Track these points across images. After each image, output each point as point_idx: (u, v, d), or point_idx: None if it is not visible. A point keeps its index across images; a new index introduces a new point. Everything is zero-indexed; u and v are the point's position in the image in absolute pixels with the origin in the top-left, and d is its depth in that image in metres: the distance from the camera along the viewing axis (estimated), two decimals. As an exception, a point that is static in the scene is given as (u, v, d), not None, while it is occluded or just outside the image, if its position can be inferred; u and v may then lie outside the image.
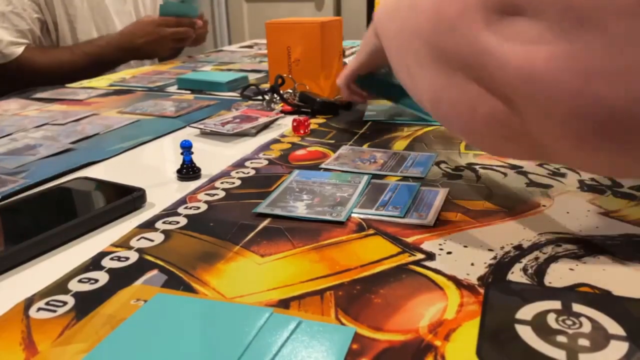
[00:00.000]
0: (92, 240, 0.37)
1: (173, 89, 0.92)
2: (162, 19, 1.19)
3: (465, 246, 0.34)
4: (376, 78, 0.61)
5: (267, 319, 0.27)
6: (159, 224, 0.39)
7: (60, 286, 0.31)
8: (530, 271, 0.31)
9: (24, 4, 1.14)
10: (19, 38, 1.13)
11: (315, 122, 0.66)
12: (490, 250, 0.34)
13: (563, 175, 0.46)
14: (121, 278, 0.32)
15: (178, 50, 1.42)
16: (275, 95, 0.72)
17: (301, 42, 0.74)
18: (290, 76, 0.74)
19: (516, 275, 0.31)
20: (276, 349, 0.25)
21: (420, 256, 0.33)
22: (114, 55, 1.18)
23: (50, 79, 1.05)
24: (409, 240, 0.35)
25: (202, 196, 0.44)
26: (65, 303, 0.30)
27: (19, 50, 1.12)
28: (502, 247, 0.34)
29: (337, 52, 0.80)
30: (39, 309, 0.29)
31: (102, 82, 1.01)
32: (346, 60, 1.01)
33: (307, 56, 0.74)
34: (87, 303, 0.30)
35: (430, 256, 0.33)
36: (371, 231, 0.37)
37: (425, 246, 0.34)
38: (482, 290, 0.29)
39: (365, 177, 0.46)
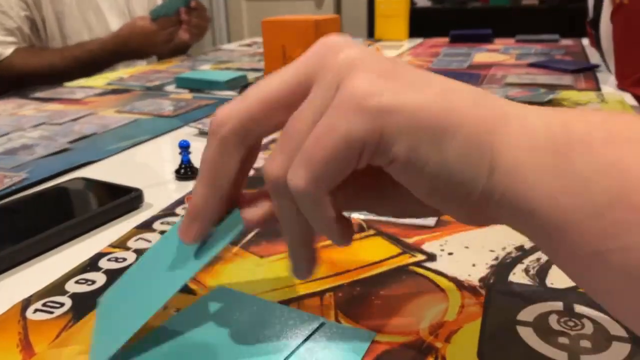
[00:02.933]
0: (89, 241, 0.37)
1: (171, 88, 0.91)
2: (156, 23, 1.17)
3: (467, 247, 0.34)
4: None
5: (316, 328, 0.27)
6: (156, 225, 0.39)
7: (57, 287, 0.31)
8: (532, 272, 0.31)
9: (10, 2, 1.13)
10: (7, 37, 1.13)
11: (314, 122, 0.65)
12: (492, 251, 0.33)
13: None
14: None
15: (186, 47, 1.41)
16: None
17: (296, 40, 0.74)
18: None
19: (518, 276, 0.31)
20: (294, 346, 0.25)
21: (421, 257, 0.33)
22: (106, 59, 1.16)
23: (41, 81, 1.04)
24: (410, 241, 0.35)
25: (200, 196, 0.44)
26: (62, 304, 0.29)
27: (8, 51, 1.12)
28: (504, 248, 0.34)
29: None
30: (36, 310, 0.29)
31: (99, 81, 1.00)
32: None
33: (301, 54, 0.74)
34: (84, 304, 0.29)
35: (431, 257, 0.33)
36: (371, 232, 0.36)
37: (426, 247, 0.34)
38: (483, 292, 0.29)
39: (365, 177, 0.45)
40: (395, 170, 0.20)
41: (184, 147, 0.48)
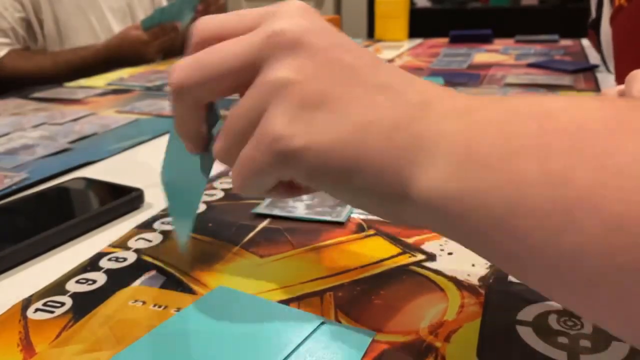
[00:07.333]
0: (90, 240, 0.37)
1: (171, 88, 0.91)
2: (148, 34, 1.16)
3: (466, 246, 0.34)
4: None
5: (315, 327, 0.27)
6: (157, 225, 0.39)
7: (58, 287, 0.31)
8: (531, 272, 0.31)
9: (5, 3, 1.13)
10: (1, 38, 1.14)
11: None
12: (491, 250, 0.33)
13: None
14: (119, 279, 0.32)
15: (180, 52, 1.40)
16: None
17: None
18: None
19: (517, 275, 0.31)
20: (294, 346, 0.25)
21: (420, 257, 0.33)
22: (97, 67, 1.16)
23: (31, 84, 1.04)
24: (410, 240, 0.35)
25: (200, 196, 0.44)
26: (63, 304, 0.29)
27: (1, 52, 1.12)
28: (503, 248, 0.34)
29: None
30: (37, 310, 0.29)
31: (100, 81, 1.00)
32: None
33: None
34: (85, 304, 0.29)
35: (431, 257, 0.33)
36: (371, 232, 0.36)
37: (426, 247, 0.34)
38: (483, 291, 0.29)
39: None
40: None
41: (184, 147, 0.48)
